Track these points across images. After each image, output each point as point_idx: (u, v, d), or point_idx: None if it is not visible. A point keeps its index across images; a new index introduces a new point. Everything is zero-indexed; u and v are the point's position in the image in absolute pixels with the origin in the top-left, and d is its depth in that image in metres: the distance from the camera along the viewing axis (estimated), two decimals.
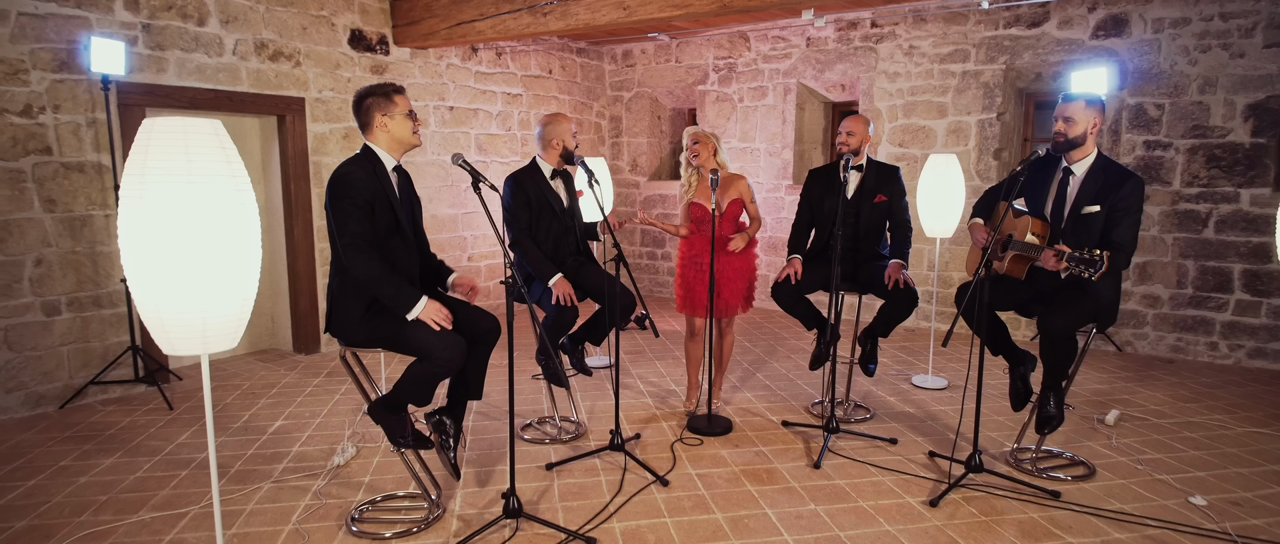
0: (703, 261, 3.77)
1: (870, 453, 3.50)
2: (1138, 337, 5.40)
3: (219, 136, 1.58)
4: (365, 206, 2.50)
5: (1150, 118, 5.23)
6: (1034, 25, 5.56)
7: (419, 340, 2.54)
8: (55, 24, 3.97)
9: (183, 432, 3.75)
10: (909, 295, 3.56)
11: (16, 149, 3.88)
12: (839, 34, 6.42)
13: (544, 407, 4.05)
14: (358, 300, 2.59)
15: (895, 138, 6.22)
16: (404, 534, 2.72)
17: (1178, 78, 5.11)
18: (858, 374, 4.32)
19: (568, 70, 7.37)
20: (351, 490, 3.09)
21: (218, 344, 1.64)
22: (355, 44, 5.45)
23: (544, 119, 3.61)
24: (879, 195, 3.76)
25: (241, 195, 1.60)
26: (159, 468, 3.31)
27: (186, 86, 4.50)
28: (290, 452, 3.50)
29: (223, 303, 1.58)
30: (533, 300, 3.48)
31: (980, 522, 2.84)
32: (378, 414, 2.73)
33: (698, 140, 3.83)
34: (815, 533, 2.75)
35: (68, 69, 4.02)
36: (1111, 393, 4.45)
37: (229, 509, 2.92)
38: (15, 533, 2.73)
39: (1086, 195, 3.04)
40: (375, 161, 2.61)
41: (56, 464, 3.35)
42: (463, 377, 2.87)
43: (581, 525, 2.78)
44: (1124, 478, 3.23)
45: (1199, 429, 3.84)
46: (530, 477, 3.24)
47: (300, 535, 2.72)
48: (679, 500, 3.01)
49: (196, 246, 1.51)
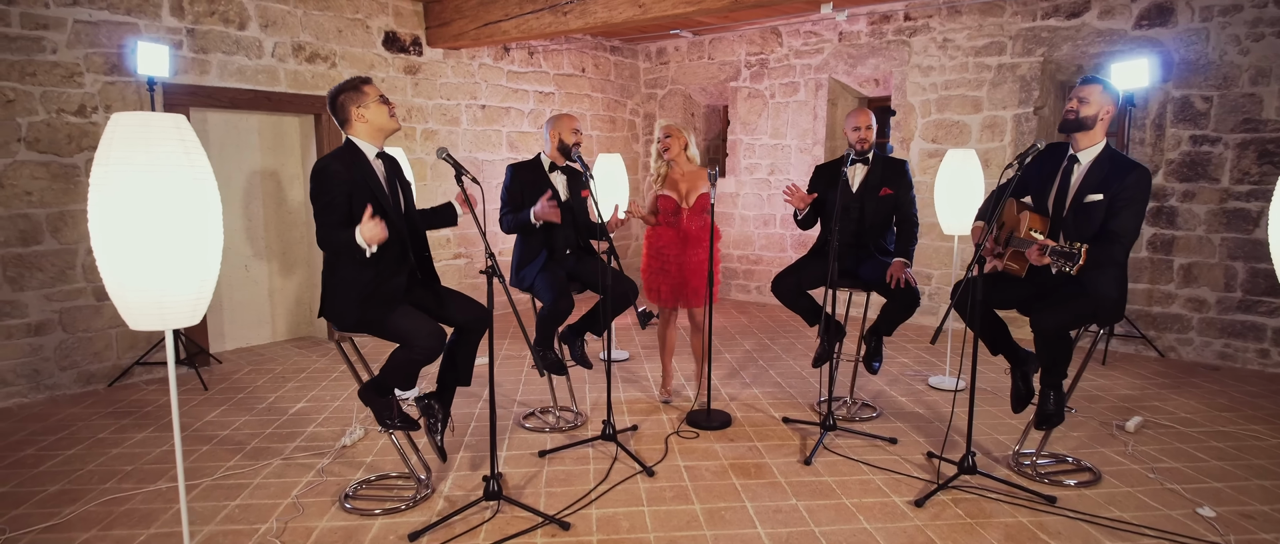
0: (667, 253, 3.88)
1: (867, 452, 3.46)
2: (1182, 342, 5.13)
3: (180, 131, 1.72)
4: (341, 198, 2.63)
5: (1197, 111, 4.96)
6: (1073, 15, 5.34)
7: (401, 328, 2.66)
8: (107, 30, 4.29)
9: (212, 411, 4.01)
10: (910, 295, 3.50)
11: (71, 146, 4.21)
12: (871, 28, 6.31)
13: (548, 396, 4.14)
14: (348, 288, 2.72)
15: (928, 133, 6.07)
16: (392, 512, 2.85)
17: (1228, 68, 4.82)
18: (864, 373, 4.25)
19: (601, 68, 7.46)
20: (353, 470, 3.24)
21: (176, 321, 1.78)
22: (389, 45, 5.67)
23: (550, 117, 3.73)
24: (884, 189, 3.70)
25: (200, 185, 1.73)
26: (185, 443, 3.55)
27: (227, 87, 4.79)
28: (305, 432, 3.69)
29: (180, 283, 1.71)
30: (526, 288, 3.59)
31: (964, 524, 2.78)
32: (367, 396, 2.87)
33: (671, 134, 3.88)
34: (789, 527, 2.75)
35: (118, 72, 4.33)
36: (1141, 399, 4.25)
37: (237, 482, 3.11)
38: (48, 496, 2.98)
39: (1090, 184, 2.94)
40: (356, 153, 2.74)
41: (95, 436, 3.63)
42: (452, 363, 2.98)
43: (560, 510, 2.85)
44: (1131, 486, 3.10)
45: (1228, 439, 3.63)
46: (522, 463, 3.33)
47: (297, 508, 2.88)
48: (661, 490, 3.05)
49: (153, 231, 1.65)
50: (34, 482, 3.12)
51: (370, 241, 2.56)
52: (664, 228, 3.92)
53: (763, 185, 7.15)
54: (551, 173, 3.66)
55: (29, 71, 4.04)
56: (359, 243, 2.57)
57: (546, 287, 3.46)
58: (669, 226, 3.91)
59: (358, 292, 2.71)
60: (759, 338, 5.71)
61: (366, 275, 2.68)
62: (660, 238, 3.93)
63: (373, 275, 2.69)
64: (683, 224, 3.89)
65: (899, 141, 6.25)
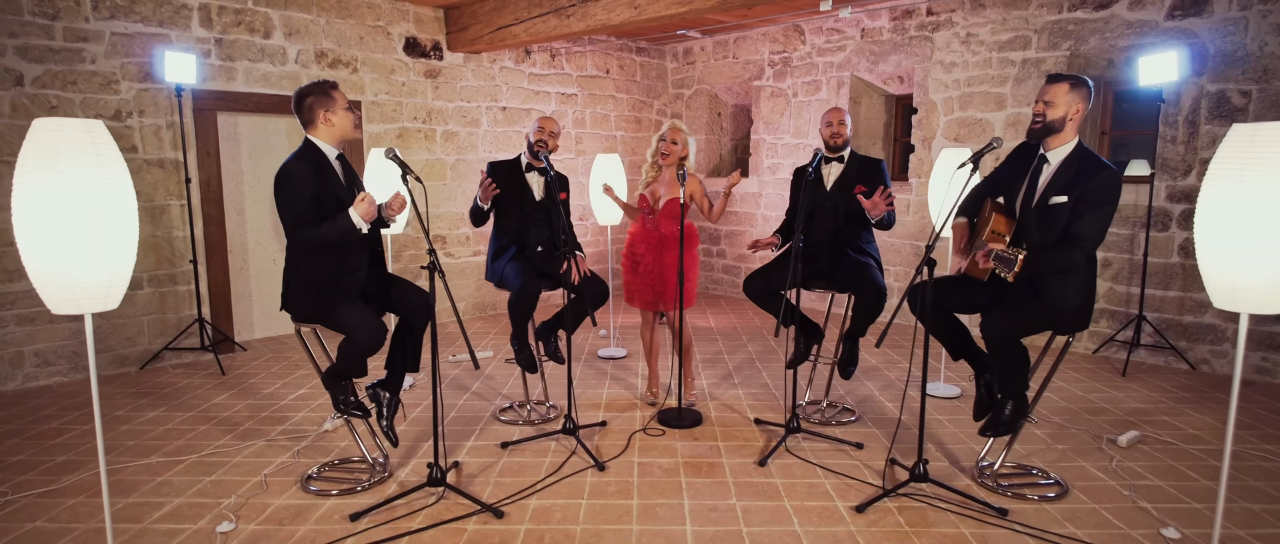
0: (641, 255, 3.90)
1: (829, 455, 3.41)
2: (1215, 354, 4.78)
3: (92, 134, 1.90)
4: (310, 197, 2.78)
5: (1234, 106, 4.62)
6: (1102, 6, 5.06)
7: (347, 321, 2.81)
8: (141, 41, 4.66)
9: (221, 394, 4.30)
10: (875, 292, 3.43)
11: None
12: (893, 24, 6.14)
13: (535, 391, 4.25)
14: (304, 281, 2.89)
15: (950, 132, 5.87)
16: (347, 493, 3.01)
17: (1268, 61, 4.47)
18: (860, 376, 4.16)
19: (626, 69, 7.53)
20: (324, 454, 3.43)
21: (91, 306, 1.96)
22: (410, 51, 5.91)
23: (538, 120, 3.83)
24: (859, 187, 3.63)
25: (109, 183, 1.91)
26: (188, 422, 3.84)
27: (252, 92, 5.12)
28: (294, 417, 3.92)
29: (91, 271, 1.89)
30: (492, 278, 3.70)
31: (899, 532, 2.71)
32: (327, 382, 3.04)
33: (677, 141, 3.87)
34: (718, 527, 2.75)
35: (150, 79, 4.71)
36: (1151, 413, 4.00)
37: (219, 460, 3.35)
38: (54, 464, 3.29)
39: (1057, 185, 2.81)
40: (318, 155, 2.89)
41: (113, 413, 3.97)
42: (400, 350, 3.12)
43: (500, 499, 2.94)
44: (1099, 502, 2.94)
45: (1234, 460, 3.37)
46: (485, 453, 3.44)
47: (262, 486, 3.08)
48: (605, 485, 3.10)
49: (64, 225, 1.84)
50: (47, 451, 3.45)
51: (366, 219, 2.76)
52: (640, 231, 3.96)
53: (784, 185, 7.05)
54: (528, 173, 3.76)
55: (70, 80, 4.44)
56: (355, 222, 2.75)
57: (513, 274, 3.55)
58: (644, 230, 3.93)
59: (321, 284, 2.87)
60: (765, 341, 5.66)
61: (330, 267, 2.84)
62: (637, 242, 3.97)
63: (335, 268, 2.85)
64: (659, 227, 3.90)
65: (921, 140, 6.06)
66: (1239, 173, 1.89)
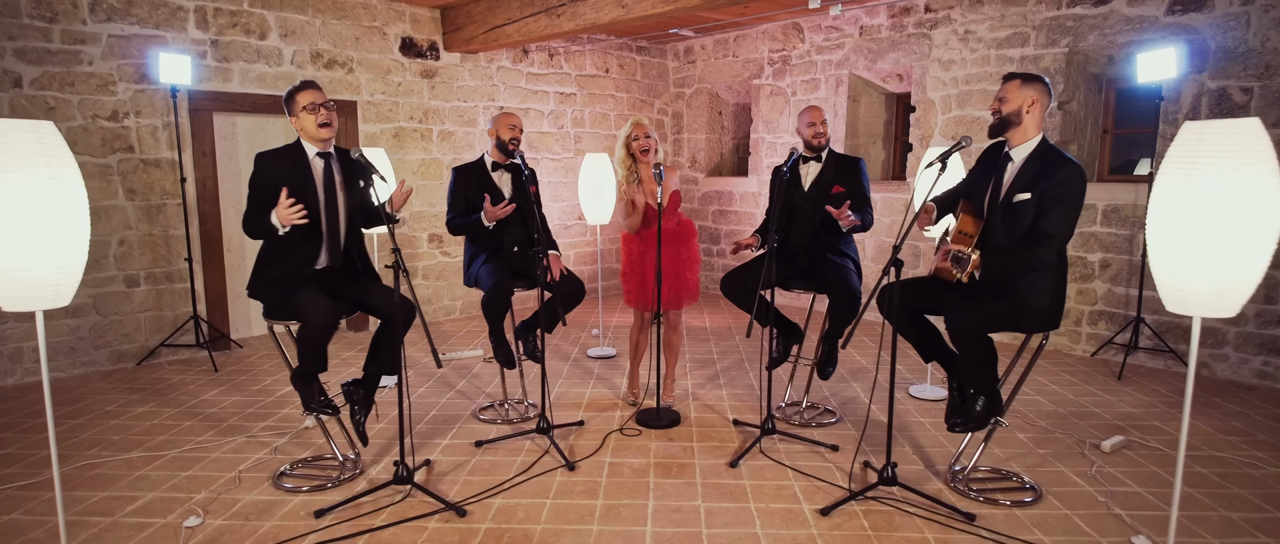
0: (650, 256, 3.81)
1: (803, 457, 3.38)
2: (1216, 358, 4.67)
3: (40, 135, 1.94)
4: (267, 188, 2.86)
5: (1235, 104, 4.50)
6: (1101, 2, 4.96)
7: (298, 305, 2.85)
8: (138, 42, 4.75)
9: (211, 390, 4.37)
10: (848, 294, 3.40)
11: (105, 148, 4.70)
12: (892, 21, 6.07)
13: (516, 390, 4.26)
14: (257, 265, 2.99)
15: (948, 130, 5.79)
16: (318, 489, 3.05)
17: (1270, 57, 4.35)
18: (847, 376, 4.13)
19: (627, 68, 7.53)
20: (301, 450, 3.47)
21: (40, 303, 2.00)
22: (406, 51, 5.96)
23: (492, 117, 3.80)
24: (837, 187, 3.60)
25: (56, 183, 1.95)
26: (174, 418, 3.90)
27: (248, 93, 5.19)
28: (277, 414, 3.97)
29: (38, 269, 1.94)
30: (469, 282, 3.71)
31: (862, 536, 2.68)
32: (295, 381, 3.08)
33: (653, 135, 3.84)
34: (679, 528, 2.74)
35: (147, 80, 4.79)
36: (1142, 418, 3.91)
37: (198, 455, 3.40)
38: (39, 458, 3.37)
39: (1020, 182, 2.77)
40: (298, 151, 2.97)
41: (104, 408, 4.05)
42: (376, 353, 3.14)
43: (465, 498, 2.96)
44: (1073, 509, 2.89)
45: (1219, 465, 3.30)
46: (459, 451, 3.46)
47: (236, 481, 3.12)
48: (573, 485, 3.10)
49: (10, 225, 1.88)
50: (36, 445, 3.52)
51: (283, 223, 2.80)
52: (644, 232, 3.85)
53: None
54: (495, 172, 3.74)
55: (68, 82, 4.54)
56: (273, 222, 2.82)
57: (487, 275, 3.55)
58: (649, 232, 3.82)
59: (270, 272, 2.96)
60: (757, 342, 5.61)
61: (274, 256, 2.95)
62: (641, 243, 3.85)
63: (280, 256, 2.95)
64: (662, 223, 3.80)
65: (919, 139, 5.99)
66: (1187, 172, 1.84)
